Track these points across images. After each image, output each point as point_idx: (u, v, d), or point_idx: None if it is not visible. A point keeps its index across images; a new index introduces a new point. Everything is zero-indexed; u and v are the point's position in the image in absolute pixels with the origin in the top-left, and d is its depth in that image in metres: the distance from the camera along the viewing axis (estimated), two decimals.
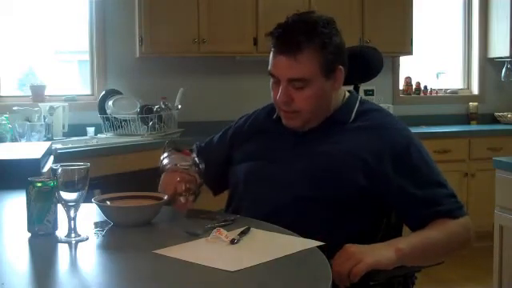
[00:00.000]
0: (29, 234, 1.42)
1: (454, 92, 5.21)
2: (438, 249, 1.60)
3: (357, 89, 2.03)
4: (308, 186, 1.63)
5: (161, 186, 1.64)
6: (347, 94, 1.79)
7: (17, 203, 1.66)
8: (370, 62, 1.93)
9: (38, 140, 3.49)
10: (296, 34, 1.61)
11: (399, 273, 1.59)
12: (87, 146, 3.59)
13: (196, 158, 1.75)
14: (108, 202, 1.57)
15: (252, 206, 1.66)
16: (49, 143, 3.05)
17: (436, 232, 1.58)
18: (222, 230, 1.37)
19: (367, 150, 1.62)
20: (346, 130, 1.69)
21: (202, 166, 1.72)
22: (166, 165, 1.76)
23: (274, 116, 1.80)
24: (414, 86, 5.09)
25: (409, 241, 1.55)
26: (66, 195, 1.37)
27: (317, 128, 1.71)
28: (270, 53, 1.68)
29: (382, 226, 1.71)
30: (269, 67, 1.67)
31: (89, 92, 4.38)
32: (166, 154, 1.85)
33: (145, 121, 4.00)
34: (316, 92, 1.64)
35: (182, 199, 1.58)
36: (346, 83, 1.90)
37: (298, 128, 1.71)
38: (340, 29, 1.69)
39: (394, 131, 1.68)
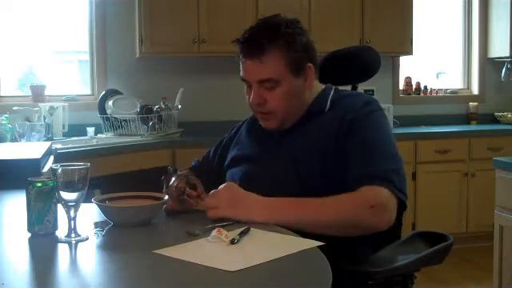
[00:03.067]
0: (29, 234, 1.42)
1: (454, 92, 5.22)
2: (315, 212, 1.53)
3: (355, 89, 2.03)
4: (295, 185, 1.64)
5: (166, 209, 1.63)
6: (321, 87, 1.80)
7: (17, 203, 1.66)
8: (366, 61, 1.93)
9: (38, 140, 3.49)
10: (259, 37, 1.66)
11: (398, 272, 1.60)
12: (87, 146, 3.59)
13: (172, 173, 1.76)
14: (108, 202, 1.57)
15: None
16: (49, 143, 3.06)
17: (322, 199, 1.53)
18: (222, 229, 1.37)
19: (333, 135, 1.64)
20: (321, 120, 1.70)
21: (178, 171, 1.73)
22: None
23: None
24: (413, 86, 5.09)
25: (289, 200, 1.54)
26: (66, 195, 1.37)
27: (297, 124, 1.73)
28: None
29: None
30: (240, 74, 1.72)
31: (89, 92, 4.38)
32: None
33: (145, 121, 4.00)
34: (287, 91, 1.67)
35: (185, 197, 1.61)
36: (343, 84, 1.90)
37: (276, 129, 1.74)
38: (305, 28, 1.72)
39: (354, 106, 1.68)
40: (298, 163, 1.66)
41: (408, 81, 5.08)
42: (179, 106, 4.15)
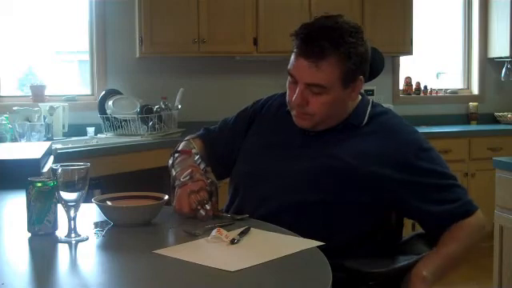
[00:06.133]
0: (29, 234, 1.42)
1: (454, 92, 5.22)
2: (459, 260, 1.64)
3: None
4: (312, 188, 1.61)
5: (175, 207, 1.62)
6: (359, 97, 1.76)
7: (17, 203, 1.66)
8: (371, 62, 1.92)
9: (38, 140, 3.49)
10: (321, 40, 1.57)
11: (398, 273, 1.60)
12: (87, 146, 3.59)
13: (198, 159, 1.74)
14: (108, 202, 1.57)
15: (254, 205, 1.65)
16: (49, 143, 3.05)
17: (455, 244, 1.60)
18: (222, 229, 1.37)
19: (374, 155, 1.61)
20: (357, 134, 1.67)
21: (203, 166, 1.72)
22: (173, 179, 1.71)
23: (287, 109, 1.74)
24: (414, 86, 5.09)
25: (432, 264, 1.56)
26: (66, 195, 1.37)
27: (329, 130, 1.69)
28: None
29: (383, 226, 1.71)
30: (289, 66, 1.64)
31: (89, 92, 4.38)
32: (170, 162, 1.80)
33: (145, 121, 4.00)
34: (332, 100, 1.62)
35: (202, 212, 1.57)
36: None
37: (309, 128, 1.69)
38: (366, 37, 1.66)
39: (402, 135, 1.67)
40: (320, 169, 1.63)
41: (408, 81, 5.08)
42: (179, 106, 4.15)
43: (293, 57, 1.63)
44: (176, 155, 1.79)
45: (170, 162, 1.80)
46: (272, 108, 1.84)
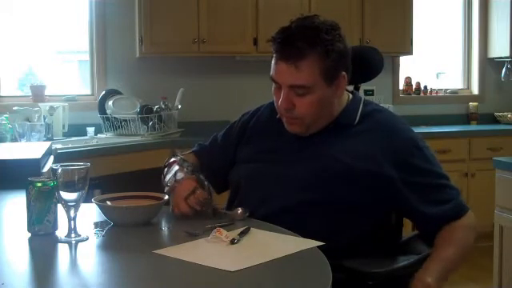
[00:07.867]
0: (29, 234, 1.42)
1: (454, 92, 5.22)
2: (458, 262, 1.65)
3: (357, 89, 2.03)
4: (312, 190, 1.62)
5: (174, 212, 1.63)
6: (350, 96, 1.77)
7: (17, 203, 1.66)
8: (370, 62, 1.92)
9: (38, 140, 3.49)
10: (297, 41, 1.58)
11: (399, 273, 1.60)
12: (87, 146, 3.59)
13: (182, 163, 1.77)
14: (108, 202, 1.57)
15: (254, 208, 1.66)
16: (49, 143, 3.05)
17: (453, 247, 1.62)
18: (222, 229, 1.37)
19: (372, 155, 1.62)
20: (351, 133, 1.68)
21: (187, 165, 1.75)
22: (167, 182, 1.73)
23: (278, 115, 1.76)
24: (414, 86, 5.09)
25: (435, 270, 1.57)
26: (66, 195, 1.37)
27: (321, 131, 1.70)
28: (270, 54, 1.67)
29: (383, 226, 1.71)
30: (271, 72, 1.66)
31: (89, 92, 4.38)
32: (162, 178, 1.83)
33: (145, 121, 4.00)
34: (318, 99, 1.63)
35: (209, 211, 1.60)
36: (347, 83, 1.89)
37: (301, 133, 1.70)
38: (344, 34, 1.66)
39: (398, 134, 1.68)
40: (319, 170, 1.63)
41: (408, 81, 5.08)
42: (179, 106, 4.15)
43: (273, 62, 1.65)
44: (165, 170, 1.81)
45: (162, 177, 1.81)
46: (262, 117, 1.85)
